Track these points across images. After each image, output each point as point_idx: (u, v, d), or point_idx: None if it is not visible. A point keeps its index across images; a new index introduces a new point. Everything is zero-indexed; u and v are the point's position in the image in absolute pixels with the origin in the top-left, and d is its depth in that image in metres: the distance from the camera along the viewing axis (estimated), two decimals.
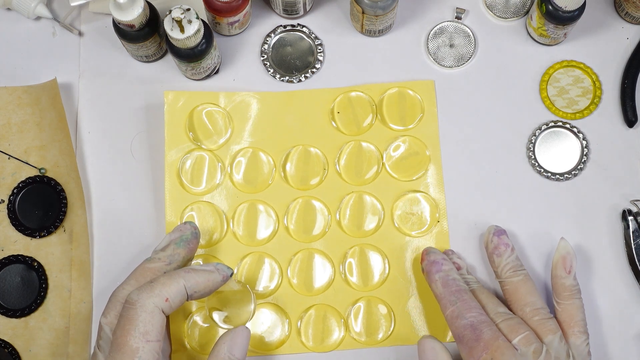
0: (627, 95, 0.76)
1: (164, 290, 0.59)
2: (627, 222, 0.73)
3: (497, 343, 0.61)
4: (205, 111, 0.76)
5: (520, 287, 0.67)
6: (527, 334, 0.62)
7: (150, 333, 0.57)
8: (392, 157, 0.75)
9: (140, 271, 0.64)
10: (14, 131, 0.75)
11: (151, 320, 0.57)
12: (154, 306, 0.57)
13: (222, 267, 0.64)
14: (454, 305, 0.64)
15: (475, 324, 0.62)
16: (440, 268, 0.67)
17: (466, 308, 0.63)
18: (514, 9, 0.79)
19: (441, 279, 0.66)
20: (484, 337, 0.61)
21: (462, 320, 0.63)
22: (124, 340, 0.56)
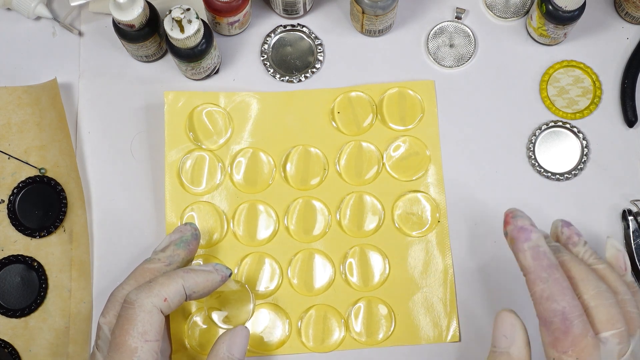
0: (627, 95, 0.76)
1: (163, 290, 0.58)
2: (627, 222, 0.73)
3: (585, 341, 0.55)
4: (205, 111, 0.76)
5: (608, 275, 0.61)
6: (622, 330, 0.56)
7: (148, 333, 0.57)
8: (392, 157, 0.75)
9: (140, 271, 0.63)
10: (14, 131, 0.75)
11: (150, 320, 0.57)
12: (153, 306, 0.57)
13: (221, 268, 0.64)
14: (545, 283, 0.57)
15: (567, 312, 0.56)
16: (530, 236, 0.58)
17: (559, 290, 0.56)
18: (514, 9, 0.79)
19: (531, 249, 0.58)
20: (574, 331, 0.55)
21: (554, 304, 0.56)
22: (123, 339, 0.56)
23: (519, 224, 0.59)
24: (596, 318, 0.56)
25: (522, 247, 0.58)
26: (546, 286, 0.56)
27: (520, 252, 0.58)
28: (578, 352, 0.55)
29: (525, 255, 0.58)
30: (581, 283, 0.58)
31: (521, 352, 0.59)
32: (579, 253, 0.62)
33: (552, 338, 0.56)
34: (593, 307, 0.57)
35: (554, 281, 0.56)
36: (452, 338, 0.72)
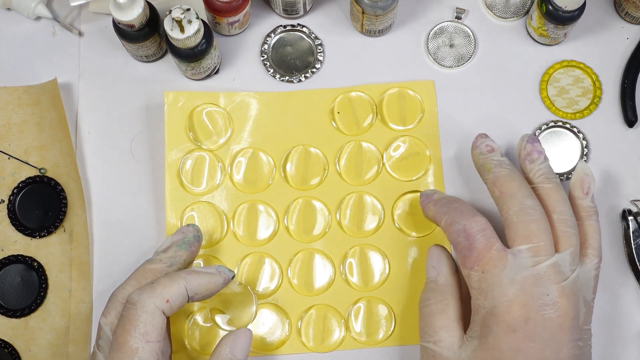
0: (627, 95, 0.76)
1: (165, 291, 0.58)
2: (627, 222, 0.73)
3: (489, 254, 0.58)
4: (205, 111, 0.76)
5: (551, 194, 0.63)
6: (539, 245, 0.58)
7: (150, 334, 0.56)
8: (392, 157, 0.75)
9: (141, 272, 0.63)
10: (14, 131, 0.75)
11: (152, 321, 0.57)
12: (155, 307, 0.57)
13: (224, 270, 0.64)
14: (446, 214, 0.62)
15: (468, 229, 0.59)
16: (432, 197, 0.66)
17: (458, 214, 0.61)
18: (514, 9, 0.79)
19: (432, 202, 0.65)
20: (477, 246, 0.58)
21: (455, 225, 0.60)
22: (124, 340, 0.56)
23: (423, 194, 0.67)
24: (514, 232, 0.59)
25: (425, 206, 0.66)
26: (447, 216, 0.61)
27: (427, 211, 0.66)
28: (483, 265, 0.57)
29: (429, 207, 0.65)
30: (508, 199, 0.60)
31: (447, 279, 0.63)
32: (532, 170, 0.65)
33: (461, 258, 0.60)
34: (514, 223, 0.59)
35: (452, 209, 0.61)
36: None
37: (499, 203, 0.62)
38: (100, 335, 0.61)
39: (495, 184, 0.63)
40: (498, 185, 0.63)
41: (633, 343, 0.72)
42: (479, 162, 0.67)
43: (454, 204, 0.62)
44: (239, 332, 0.63)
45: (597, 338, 0.71)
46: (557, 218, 0.62)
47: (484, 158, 0.66)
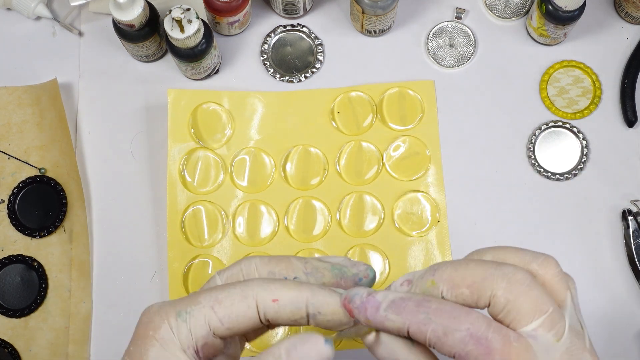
0: (627, 95, 0.76)
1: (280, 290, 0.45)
2: (627, 222, 0.73)
3: (512, 349, 0.44)
4: (207, 110, 0.76)
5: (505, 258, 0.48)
6: (549, 312, 0.45)
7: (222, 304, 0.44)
8: (392, 157, 0.75)
9: (283, 259, 0.49)
10: (14, 131, 0.75)
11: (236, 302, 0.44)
12: (254, 294, 0.44)
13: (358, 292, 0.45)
14: (429, 322, 0.44)
15: (475, 331, 0.44)
16: (375, 299, 0.45)
17: (449, 317, 0.44)
18: (514, 9, 0.79)
19: (387, 308, 0.44)
20: (496, 346, 0.43)
21: (455, 334, 0.44)
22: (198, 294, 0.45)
23: (357, 302, 0.45)
24: (515, 312, 0.45)
25: (380, 316, 0.44)
26: (433, 325, 0.43)
27: (384, 323, 0.44)
28: (518, 358, 0.43)
29: (388, 318, 0.44)
30: (485, 282, 0.45)
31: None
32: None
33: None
34: (511, 302, 0.45)
35: (435, 313, 0.44)
36: None
37: (474, 297, 0.45)
38: None
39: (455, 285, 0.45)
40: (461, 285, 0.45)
41: (633, 343, 0.72)
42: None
43: (431, 305, 0.44)
44: (307, 336, 0.44)
45: (597, 338, 0.71)
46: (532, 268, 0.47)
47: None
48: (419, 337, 0.44)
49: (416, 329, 0.44)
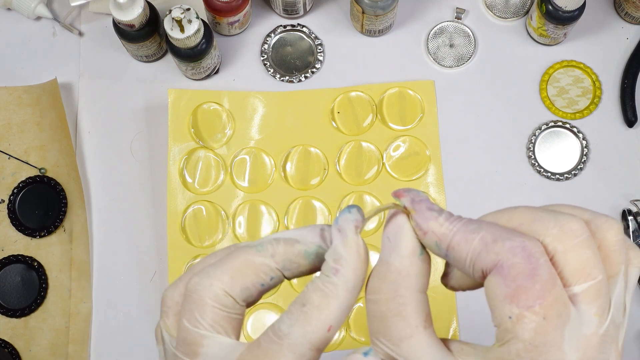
0: (627, 95, 0.76)
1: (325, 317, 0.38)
2: (627, 222, 0.73)
3: (556, 292, 0.36)
4: (207, 110, 0.76)
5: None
6: (597, 282, 0.37)
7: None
8: (392, 157, 0.75)
9: (242, 265, 0.40)
10: (14, 131, 0.75)
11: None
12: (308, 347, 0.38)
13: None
14: (480, 231, 0.37)
15: (530, 248, 0.36)
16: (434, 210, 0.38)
17: (502, 230, 0.37)
18: (514, 9, 0.79)
19: (441, 212, 0.38)
20: (542, 274, 0.36)
21: (507, 242, 0.36)
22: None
23: (416, 196, 0.39)
24: (564, 268, 0.37)
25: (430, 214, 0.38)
26: (483, 232, 0.37)
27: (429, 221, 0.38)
28: (546, 307, 0.36)
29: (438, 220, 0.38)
30: (533, 225, 0.38)
31: (403, 263, 0.39)
32: None
33: (511, 288, 0.36)
34: (561, 253, 0.37)
35: (488, 226, 0.37)
36: (451, 337, 0.72)
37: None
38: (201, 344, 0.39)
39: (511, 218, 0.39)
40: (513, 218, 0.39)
41: (633, 343, 0.72)
42: None
43: (484, 221, 0.39)
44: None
45: None
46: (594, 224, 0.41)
47: None
48: (461, 247, 0.37)
49: (462, 237, 0.37)
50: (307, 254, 0.39)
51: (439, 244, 0.37)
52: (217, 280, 0.38)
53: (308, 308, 0.37)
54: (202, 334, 0.38)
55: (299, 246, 0.39)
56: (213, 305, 0.38)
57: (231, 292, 0.38)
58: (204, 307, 0.38)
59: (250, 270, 0.39)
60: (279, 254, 0.39)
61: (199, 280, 0.39)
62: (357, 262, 0.38)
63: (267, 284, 0.39)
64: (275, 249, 0.39)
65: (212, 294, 0.38)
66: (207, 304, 0.38)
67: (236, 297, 0.38)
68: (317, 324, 0.37)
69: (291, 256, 0.39)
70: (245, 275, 0.39)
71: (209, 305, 0.38)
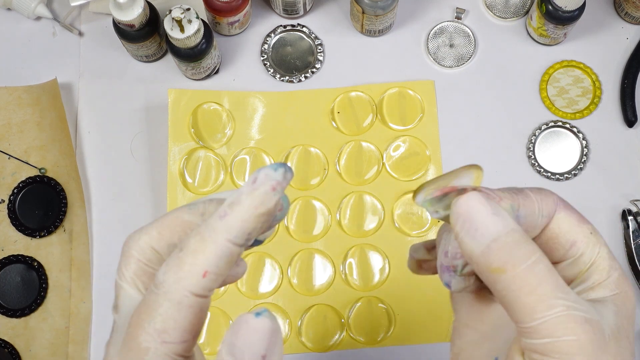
0: (627, 95, 0.76)
1: (199, 261, 0.36)
2: (627, 222, 0.73)
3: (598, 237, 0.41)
4: (207, 110, 0.76)
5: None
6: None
7: (169, 332, 0.37)
8: (392, 157, 0.75)
9: (170, 220, 0.40)
10: (14, 131, 0.75)
11: (175, 314, 0.37)
12: (184, 294, 0.36)
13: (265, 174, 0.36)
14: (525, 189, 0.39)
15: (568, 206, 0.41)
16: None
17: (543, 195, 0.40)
18: (514, 9, 0.79)
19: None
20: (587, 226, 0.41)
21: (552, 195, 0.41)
22: (135, 334, 0.38)
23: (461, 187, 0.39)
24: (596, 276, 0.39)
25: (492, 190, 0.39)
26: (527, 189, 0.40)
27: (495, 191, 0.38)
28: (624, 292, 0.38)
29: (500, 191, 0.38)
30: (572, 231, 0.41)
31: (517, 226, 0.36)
32: None
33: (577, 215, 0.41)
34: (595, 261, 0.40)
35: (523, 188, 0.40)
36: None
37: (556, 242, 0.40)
38: (117, 304, 0.41)
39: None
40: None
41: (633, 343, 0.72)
42: None
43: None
44: (237, 325, 0.36)
45: None
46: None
47: None
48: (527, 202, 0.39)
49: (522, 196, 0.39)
50: None
51: (513, 205, 0.38)
52: (146, 235, 0.39)
53: (184, 253, 0.36)
54: (121, 285, 0.39)
55: None
56: (138, 258, 0.38)
57: (157, 246, 0.39)
58: (129, 259, 0.39)
59: (178, 227, 0.39)
60: (209, 213, 0.38)
61: (132, 235, 0.40)
62: (250, 216, 0.36)
63: None
64: (207, 207, 0.39)
65: (139, 247, 0.39)
66: (132, 256, 0.38)
67: (162, 252, 0.38)
68: (191, 269, 0.36)
69: None
70: (173, 231, 0.39)
71: (134, 258, 0.38)
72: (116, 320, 0.40)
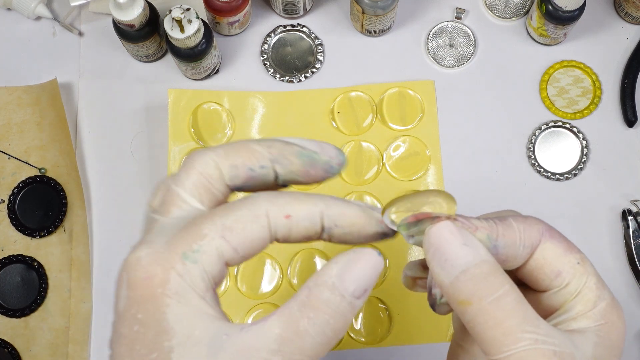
0: (627, 95, 0.76)
1: (291, 203, 0.37)
2: (627, 222, 0.73)
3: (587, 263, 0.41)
4: (207, 110, 0.76)
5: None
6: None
7: (235, 233, 0.36)
8: (392, 157, 0.75)
9: (239, 145, 0.40)
10: (14, 131, 0.75)
11: (249, 225, 0.37)
12: (265, 214, 0.37)
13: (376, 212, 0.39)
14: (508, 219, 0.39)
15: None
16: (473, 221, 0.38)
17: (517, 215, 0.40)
18: (514, 9, 0.79)
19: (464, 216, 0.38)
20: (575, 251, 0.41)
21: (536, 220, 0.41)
22: (200, 222, 0.36)
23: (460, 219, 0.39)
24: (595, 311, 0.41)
25: (468, 218, 0.39)
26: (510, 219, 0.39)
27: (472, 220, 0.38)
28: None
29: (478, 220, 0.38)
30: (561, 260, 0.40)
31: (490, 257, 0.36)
32: None
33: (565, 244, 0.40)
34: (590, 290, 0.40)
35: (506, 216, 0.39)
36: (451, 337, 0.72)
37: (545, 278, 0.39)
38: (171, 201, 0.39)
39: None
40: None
41: (633, 343, 0.72)
42: None
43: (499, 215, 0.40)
44: (358, 254, 0.37)
45: None
46: None
47: None
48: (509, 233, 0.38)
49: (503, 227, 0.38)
50: (301, 154, 0.39)
51: (490, 236, 0.37)
52: (212, 152, 0.38)
53: (286, 193, 0.38)
54: (179, 193, 0.38)
55: (296, 147, 0.39)
56: (200, 171, 0.38)
57: (221, 164, 0.38)
58: (191, 170, 0.38)
59: (244, 152, 0.39)
60: (275, 147, 0.39)
61: (198, 150, 0.39)
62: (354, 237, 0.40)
63: (256, 170, 0.39)
64: (274, 143, 0.39)
65: (203, 161, 0.38)
66: (195, 167, 0.38)
67: (224, 172, 0.38)
68: (283, 202, 0.38)
69: (286, 152, 0.39)
70: (239, 154, 0.39)
71: (196, 170, 0.38)
72: (161, 220, 0.39)
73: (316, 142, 0.40)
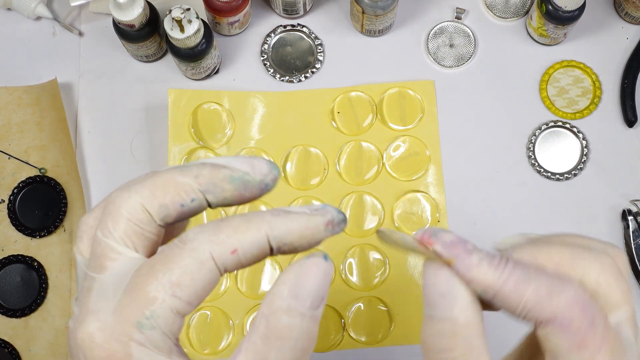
0: (627, 95, 0.76)
1: (235, 237, 0.36)
2: (627, 222, 0.73)
3: (611, 336, 0.38)
4: (207, 110, 0.76)
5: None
6: (632, 308, 0.39)
7: (184, 288, 0.35)
8: (392, 157, 0.75)
9: (163, 181, 0.38)
10: (14, 131, 0.75)
11: (196, 273, 0.35)
12: (210, 257, 0.36)
13: (329, 210, 0.38)
14: (529, 282, 0.37)
15: (583, 297, 0.37)
16: (468, 246, 0.37)
17: (553, 280, 0.37)
18: (514, 9, 0.79)
19: (484, 259, 0.37)
20: (600, 324, 0.37)
21: (560, 296, 0.37)
22: (143, 284, 0.35)
23: (446, 239, 0.38)
24: (608, 299, 0.39)
25: (472, 263, 0.37)
26: (535, 284, 0.37)
27: (472, 270, 0.37)
28: (610, 352, 0.37)
29: (481, 269, 0.37)
30: (574, 262, 0.39)
31: (468, 315, 0.37)
32: None
33: (576, 339, 0.37)
34: (604, 286, 0.39)
35: (541, 277, 0.37)
36: None
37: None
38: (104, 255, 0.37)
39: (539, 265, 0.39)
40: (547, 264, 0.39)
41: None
42: None
43: (529, 267, 0.38)
44: (306, 264, 0.38)
45: None
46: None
47: None
48: (512, 298, 0.36)
49: (512, 288, 0.36)
50: (232, 179, 0.37)
51: (485, 291, 0.36)
52: (136, 194, 0.36)
53: (225, 224, 0.36)
54: (111, 245, 0.36)
55: (225, 171, 0.37)
56: (128, 217, 0.36)
57: (149, 207, 0.36)
58: (118, 218, 0.36)
59: (171, 188, 0.37)
60: (203, 176, 0.37)
61: (118, 193, 0.37)
62: (297, 231, 0.38)
63: (187, 205, 0.36)
64: (201, 171, 0.37)
65: (129, 206, 0.36)
66: (122, 215, 0.36)
67: (153, 214, 0.36)
68: (226, 240, 0.35)
69: (216, 179, 0.37)
70: (166, 192, 0.37)
71: (124, 217, 0.36)
72: (99, 279, 0.36)
73: (247, 160, 0.38)
